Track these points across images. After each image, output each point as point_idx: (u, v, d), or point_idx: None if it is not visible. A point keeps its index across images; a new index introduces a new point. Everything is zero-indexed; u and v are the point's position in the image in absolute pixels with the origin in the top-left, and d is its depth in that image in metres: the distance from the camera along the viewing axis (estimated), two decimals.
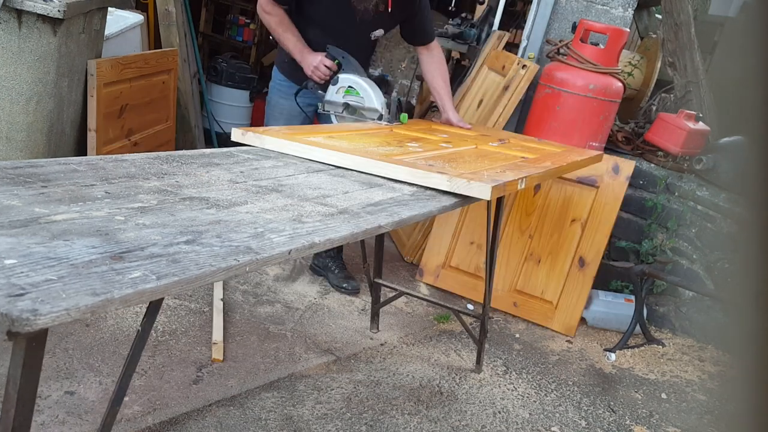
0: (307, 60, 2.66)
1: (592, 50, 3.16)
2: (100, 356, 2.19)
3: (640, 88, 3.95)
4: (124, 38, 3.33)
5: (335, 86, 2.64)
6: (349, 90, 2.62)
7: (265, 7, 2.67)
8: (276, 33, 2.70)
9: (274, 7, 2.66)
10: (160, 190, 1.32)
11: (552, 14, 3.58)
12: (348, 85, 2.62)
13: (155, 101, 3.50)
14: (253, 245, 1.09)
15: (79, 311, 0.80)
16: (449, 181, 1.67)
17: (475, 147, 2.38)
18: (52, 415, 1.88)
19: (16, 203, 1.09)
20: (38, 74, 2.53)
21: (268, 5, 2.67)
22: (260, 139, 1.90)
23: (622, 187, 3.12)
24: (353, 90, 2.61)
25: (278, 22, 2.67)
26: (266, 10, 2.67)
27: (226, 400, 2.11)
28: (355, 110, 2.62)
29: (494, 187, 1.65)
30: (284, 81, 2.84)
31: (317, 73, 2.65)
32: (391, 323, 2.86)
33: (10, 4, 2.39)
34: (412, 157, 1.93)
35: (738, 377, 0.48)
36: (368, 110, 2.59)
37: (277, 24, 2.68)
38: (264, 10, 2.68)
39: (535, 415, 2.39)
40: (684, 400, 2.71)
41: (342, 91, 2.63)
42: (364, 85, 2.62)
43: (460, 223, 3.31)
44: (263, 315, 2.69)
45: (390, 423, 2.17)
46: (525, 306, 3.16)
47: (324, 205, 1.41)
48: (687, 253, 3.24)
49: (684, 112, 3.36)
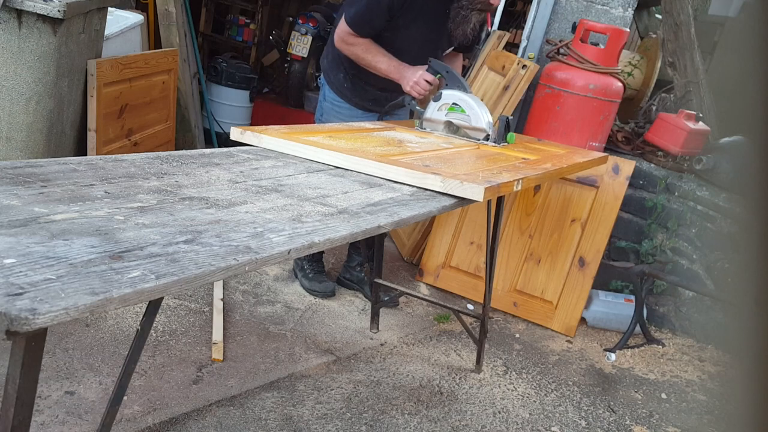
0: (406, 76, 2.53)
1: (592, 50, 3.16)
2: (100, 356, 2.19)
3: (640, 88, 3.95)
4: (124, 38, 3.33)
5: (437, 102, 2.49)
6: (453, 107, 2.46)
7: (347, 39, 2.56)
8: (365, 61, 2.58)
9: (357, 38, 2.55)
10: (160, 189, 1.32)
11: (552, 14, 3.58)
12: (452, 102, 2.46)
13: (155, 101, 3.50)
14: (252, 245, 1.09)
15: (78, 310, 0.80)
16: (443, 182, 1.67)
17: (477, 147, 2.38)
18: (52, 415, 1.88)
19: (15, 203, 1.09)
20: (38, 74, 2.53)
21: (350, 37, 2.55)
22: (258, 138, 1.90)
23: (622, 187, 3.12)
24: (458, 107, 2.45)
25: (365, 50, 2.56)
26: (348, 41, 2.56)
27: (226, 400, 2.11)
28: (458, 129, 2.47)
29: (487, 189, 1.65)
30: (342, 103, 2.77)
31: (416, 89, 2.52)
32: (391, 323, 2.85)
33: (10, 4, 2.39)
34: (409, 158, 1.93)
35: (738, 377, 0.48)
36: (474, 130, 2.44)
37: (364, 51, 2.56)
38: (346, 42, 2.57)
39: (535, 415, 2.39)
40: (684, 400, 2.71)
41: (445, 108, 2.47)
42: (470, 102, 2.45)
43: (460, 223, 3.31)
44: (263, 315, 2.69)
45: (390, 423, 2.17)
46: (525, 306, 3.16)
47: (324, 205, 1.41)
48: (687, 253, 3.24)
49: (684, 112, 3.35)
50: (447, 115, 2.47)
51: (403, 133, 2.45)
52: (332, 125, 2.58)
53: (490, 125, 2.43)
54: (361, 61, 2.58)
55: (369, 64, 2.58)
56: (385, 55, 2.55)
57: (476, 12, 2.51)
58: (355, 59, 2.59)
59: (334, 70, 2.76)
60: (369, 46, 2.55)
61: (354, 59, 2.60)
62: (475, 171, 1.88)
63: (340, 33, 2.57)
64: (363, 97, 2.75)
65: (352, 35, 2.54)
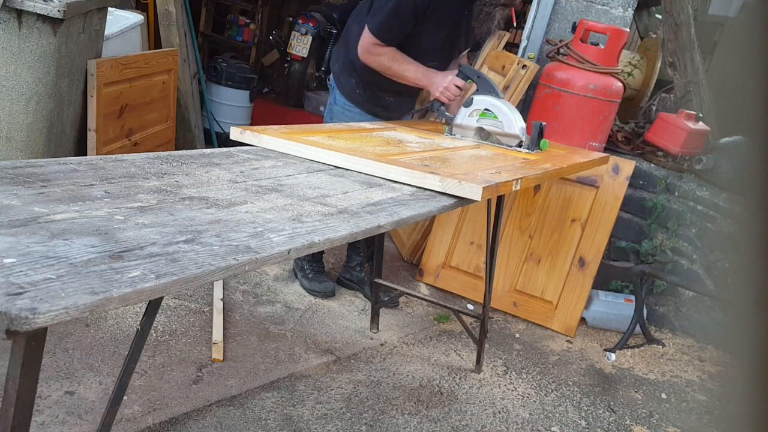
0: (435, 81, 2.49)
1: (592, 50, 3.16)
2: (100, 356, 2.19)
3: (640, 88, 3.95)
4: (124, 38, 3.33)
5: (468, 108, 2.44)
6: (485, 113, 2.41)
7: (373, 50, 2.51)
8: (391, 70, 2.53)
9: (382, 47, 2.50)
10: (160, 189, 1.32)
11: (552, 14, 3.58)
12: (484, 108, 2.41)
13: (155, 101, 3.50)
14: (252, 245, 1.09)
15: (78, 310, 0.80)
16: (441, 182, 1.67)
17: (478, 147, 2.38)
18: (52, 415, 1.88)
19: (15, 203, 1.09)
20: (38, 74, 2.53)
21: (376, 47, 2.50)
22: (258, 137, 1.90)
23: (622, 187, 3.12)
24: (489, 113, 2.40)
25: (391, 59, 2.51)
26: (373, 51, 2.51)
27: (226, 400, 2.11)
28: (489, 135, 2.43)
29: (485, 188, 1.65)
30: (353, 108, 2.74)
31: (446, 94, 2.48)
32: (391, 323, 2.85)
33: (10, 4, 2.39)
34: (408, 157, 1.93)
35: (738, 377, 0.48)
36: (506, 136, 2.40)
37: (390, 60, 2.51)
38: (371, 52, 2.52)
39: (535, 415, 2.39)
40: (684, 400, 2.71)
41: (476, 114, 2.42)
42: (502, 107, 2.40)
43: (460, 223, 3.31)
44: (263, 315, 2.69)
45: (390, 423, 2.17)
46: (525, 306, 3.16)
47: (323, 205, 1.41)
48: (687, 253, 3.24)
49: (684, 112, 3.35)
50: (478, 121, 2.42)
51: (403, 133, 2.45)
52: (332, 125, 2.58)
53: (524, 131, 2.38)
54: (387, 71, 2.53)
55: (396, 73, 2.53)
56: (412, 63, 2.51)
57: (500, 8, 2.46)
58: (381, 69, 2.54)
59: (345, 75, 2.72)
60: (395, 55, 2.51)
61: (380, 69, 2.54)
62: (474, 170, 1.88)
63: (365, 44, 2.51)
64: (375, 103, 2.72)
65: (377, 45, 2.49)
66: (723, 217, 3.12)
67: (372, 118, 2.71)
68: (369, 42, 2.50)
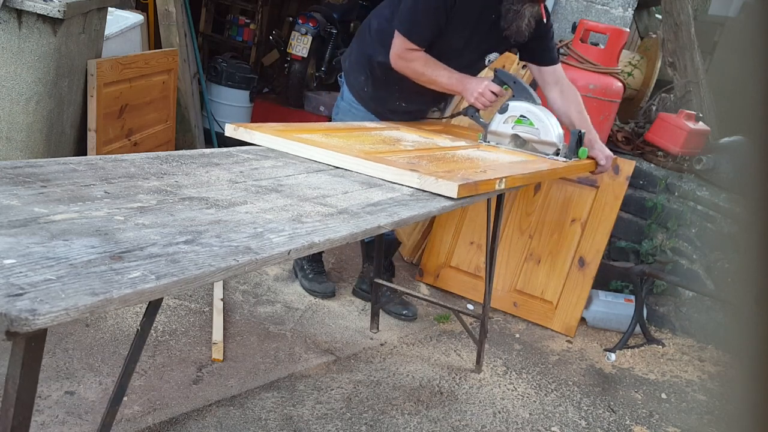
0: (469, 87, 2.40)
1: (592, 50, 3.16)
2: (100, 356, 2.19)
3: (640, 88, 3.95)
4: (124, 38, 3.33)
5: (503, 115, 2.38)
6: (521, 120, 2.35)
7: (405, 56, 2.43)
8: (425, 76, 2.45)
9: (414, 52, 2.42)
10: (160, 190, 1.32)
11: (552, 14, 3.58)
12: (520, 114, 2.35)
13: (155, 101, 3.50)
14: (252, 245, 1.09)
15: (78, 311, 0.80)
16: (419, 179, 1.68)
17: (478, 147, 2.37)
18: (52, 415, 1.88)
19: (15, 203, 1.08)
20: (38, 74, 2.53)
21: (408, 53, 2.42)
22: (250, 134, 1.90)
23: (622, 187, 3.12)
24: (526, 120, 2.34)
25: (424, 64, 2.43)
26: (407, 57, 2.43)
27: (226, 400, 2.11)
28: (524, 143, 2.37)
29: (461, 186, 1.65)
30: (359, 106, 2.70)
31: (481, 100, 2.39)
32: (391, 323, 2.85)
33: (10, 4, 2.39)
34: (397, 156, 1.93)
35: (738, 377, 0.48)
36: (543, 143, 2.34)
37: (423, 66, 2.43)
38: (404, 58, 2.43)
39: (535, 415, 2.39)
40: (684, 400, 2.71)
41: (512, 121, 2.36)
42: (539, 114, 2.33)
43: (460, 223, 3.31)
44: (263, 315, 2.69)
45: (390, 423, 2.17)
46: (525, 306, 3.16)
47: (323, 205, 1.41)
48: (687, 253, 3.24)
49: (684, 112, 3.36)
50: (514, 128, 2.36)
51: (404, 132, 2.45)
52: (332, 124, 2.57)
53: (561, 139, 2.32)
54: (421, 77, 2.46)
55: (429, 79, 2.46)
56: (445, 68, 2.43)
57: (528, 4, 2.37)
58: (415, 76, 2.47)
59: (355, 72, 2.69)
60: (428, 60, 2.44)
61: (413, 76, 2.48)
62: (458, 170, 1.87)
63: (398, 50, 2.44)
64: (382, 104, 2.68)
65: (411, 50, 2.42)
66: (723, 217, 3.12)
67: (375, 118, 2.69)
68: (402, 48, 2.42)
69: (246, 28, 5.65)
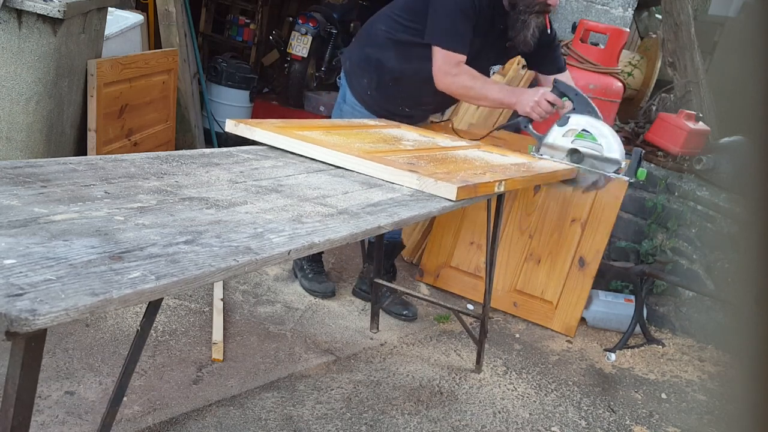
0: (524, 98, 2.36)
1: (592, 50, 3.16)
2: (100, 356, 2.19)
3: (640, 88, 3.95)
4: (124, 38, 3.33)
5: (562, 128, 2.30)
6: (582, 134, 2.27)
7: (451, 71, 2.37)
8: (473, 90, 2.39)
9: (460, 65, 2.37)
10: (160, 190, 1.32)
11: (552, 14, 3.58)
12: (582, 129, 2.27)
13: (155, 101, 3.50)
14: (252, 245, 1.09)
15: (78, 311, 0.80)
16: (419, 180, 1.68)
17: (478, 147, 2.37)
18: (52, 415, 1.88)
19: (15, 203, 1.08)
20: (38, 74, 2.53)
21: (454, 68, 2.36)
22: (251, 130, 1.90)
23: (622, 187, 3.12)
24: (588, 134, 2.26)
25: (471, 78, 2.37)
26: (453, 72, 2.38)
27: (226, 400, 2.11)
28: (582, 158, 2.29)
29: (461, 188, 1.64)
30: (362, 109, 2.68)
31: (537, 110, 2.33)
32: (391, 323, 2.85)
33: (10, 4, 2.39)
34: (397, 156, 1.92)
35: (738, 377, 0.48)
36: (605, 160, 2.26)
37: (471, 80, 2.37)
38: (450, 74, 2.38)
39: (535, 415, 2.39)
40: (684, 400, 2.71)
41: (572, 135, 2.28)
42: (603, 130, 2.25)
43: (460, 223, 3.31)
44: (263, 315, 2.69)
45: (390, 423, 2.17)
46: (525, 306, 3.16)
47: (324, 206, 1.41)
48: (687, 253, 3.24)
49: (684, 112, 3.36)
50: (574, 142, 2.29)
51: (404, 131, 2.44)
52: (332, 120, 2.57)
53: (623, 156, 2.26)
54: (469, 92, 2.40)
55: (478, 94, 2.41)
56: (492, 82, 2.39)
57: (534, 15, 2.40)
58: (462, 92, 2.41)
59: (357, 75, 2.67)
60: (474, 73, 2.39)
61: (460, 92, 2.42)
62: (458, 171, 1.87)
63: (442, 67, 2.38)
64: (385, 108, 2.67)
65: (455, 65, 2.36)
66: (723, 217, 3.12)
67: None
68: (446, 62, 2.36)
69: (246, 28, 5.65)
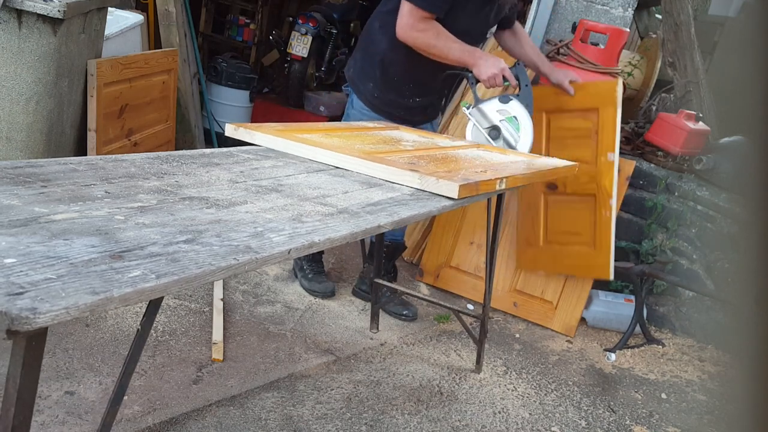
0: (484, 63, 2.37)
1: (592, 50, 3.16)
2: (100, 356, 2.19)
3: (640, 88, 3.95)
4: (124, 38, 3.33)
5: (502, 105, 2.39)
6: (512, 119, 2.36)
7: (418, 26, 2.36)
8: (437, 48, 2.38)
9: (426, 21, 2.35)
10: (160, 189, 1.32)
11: (552, 14, 3.58)
12: (514, 115, 2.37)
13: (155, 101, 3.50)
14: (252, 245, 1.09)
15: (79, 310, 0.80)
16: (420, 179, 1.67)
17: (477, 147, 2.37)
18: (52, 415, 1.88)
19: (15, 203, 1.09)
20: (38, 74, 2.53)
21: (421, 22, 2.35)
22: (251, 134, 1.90)
23: (622, 187, 3.12)
24: (515, 122, 2.36)
25: (436, 35, 2.36)
26: (419, 27, 2.36)
27: (226, 400, 2.11)
28: (498, 137, 2.40)
29: (462, 186, 1.64)
30: (370, 113, 2.67)
31: (492, 82, 2.37)
32: (390, 323, 2.86)
33: (10, 4, 2.39)
34: (397, 156, 1.92)
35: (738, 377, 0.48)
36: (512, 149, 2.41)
37: (435, 37, 2.36)
38: (416, 29, 2.36)
39: (535, 415, 2.39)
40: (684, 400, 2.71)
41: (504, 115, 2.38)
42: (528, 128, 2.36)
43: (460, 223, 3.31)
44: (263, 315, 2.69)
45: (390, 423, 2.17)
46: (525, 306, 3.16)
47: (324, 205, 1.41)
48: (687, 253, 3.24)
49: (684, 112, 3.35)
50: (501, 121, 2.37)
51: (404, 132, 2.44)
52: (332, 123, 2.57)
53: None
54: (432, 48, 2.39)
55: (440, 52, 2.40)
56: (456, 41, 2.38)
57: None
58: (425, 47, 2.40)
59: (362, 80, 2.67)
60: (439, 31, 2.37)
61: (423, 48, 2.41)
62: (458, 169, 1.87)
63: (409, 21, 2.36)
64: (394, 106, 2.66)
65: (423, 19, 2.34)
66: (723, 217, 3.12)
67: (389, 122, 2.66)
68: (414, 17, 2.35)
69: (246, 28, 5.65)
